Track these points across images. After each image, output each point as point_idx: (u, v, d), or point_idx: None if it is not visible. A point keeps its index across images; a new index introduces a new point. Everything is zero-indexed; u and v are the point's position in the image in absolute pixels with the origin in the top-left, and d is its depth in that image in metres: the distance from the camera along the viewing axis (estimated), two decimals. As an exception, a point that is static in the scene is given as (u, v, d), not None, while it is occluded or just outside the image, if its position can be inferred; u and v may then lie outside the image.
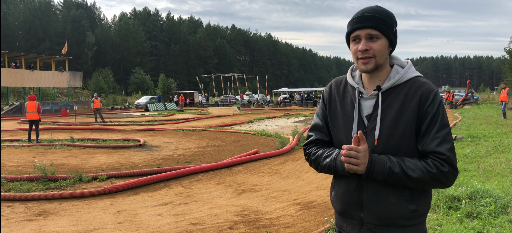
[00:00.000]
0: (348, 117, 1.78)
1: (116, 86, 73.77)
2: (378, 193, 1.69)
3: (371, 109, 1.74)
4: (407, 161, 1.64)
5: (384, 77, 1.76)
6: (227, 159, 9.96)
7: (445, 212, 5.01)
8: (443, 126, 1.66)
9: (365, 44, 1.67)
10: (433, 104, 1.66)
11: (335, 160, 1.76)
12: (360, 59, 1.70)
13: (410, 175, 1.62)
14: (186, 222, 5.24)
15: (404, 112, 1.67)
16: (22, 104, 33.54)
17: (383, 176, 1.64)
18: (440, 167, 1.63)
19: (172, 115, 31.41)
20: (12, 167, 9.30)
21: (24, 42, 77.92)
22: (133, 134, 16.38)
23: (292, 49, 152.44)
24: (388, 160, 1.64)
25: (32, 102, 14.05)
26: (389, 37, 1.71)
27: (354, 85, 1.81)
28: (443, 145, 1.64)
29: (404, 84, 1.72)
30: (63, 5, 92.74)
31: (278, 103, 48.04)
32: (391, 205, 1.68)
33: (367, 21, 1.68)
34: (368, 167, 1.63)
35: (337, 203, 1.83)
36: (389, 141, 1.67)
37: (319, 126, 1.92)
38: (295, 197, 6.44)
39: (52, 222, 5.34)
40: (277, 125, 21.11)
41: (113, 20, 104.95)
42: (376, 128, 1.69)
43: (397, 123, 1.67)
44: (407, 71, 1.74)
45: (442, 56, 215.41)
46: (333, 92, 1.89)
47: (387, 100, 1.71)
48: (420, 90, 1.68)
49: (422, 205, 1.71)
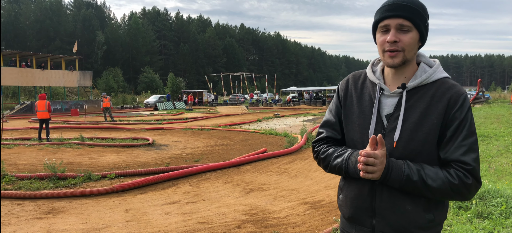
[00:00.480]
0: (365, 114, 1.64)
1: (125, 85, 74.24)
2: (394, 199, 1.56)
3: (392, 109, 1.60)
4: (427, 169, 1.51)
5: (409, 75, 1.62)
6: (235, 158, 9.97)
7: (455, 212, 4.95)
8: (470, 134, 1.53)
9: (394, 35, 1.53)
10: (462, 109, 1.53)
11: (347, 161, 1.62)
12: (387, 51, 1.56)
13: (430, 185, 1.49)
14: (194, 221, 5.24)
15: (429, 115, 1.54)
16: (33, 103, 33.88)
17: (400, 184, 1.51)
18: (464, 178, 1.49)
19: (181, 114, 31.52)
20: (22, 165, 9.39)
21: (35, 42, 78.72)
22: (142, 133, 16.46)
23: (301, 48, 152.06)
24: (407, 166, 1.50)
25: (43, 101, 14.18)
26: (420, 31, 1.56)
27: (374, 80, 1.67)
28: (469, 154, 1.51)
29: (432, 85, 1.58)
30: (73, 5, 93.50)
31: (286, 102, 47.96)
32: (407, 213, 1.55)
33: (399, 10, 1.53)
34: (384, 172, 1.50)
35: (346, 207, 1.71)
36: (410, 144, 1.54)
37: (331, 123, 1.78)
38: (303, 196, 6.41)
39: (61, 220, 5.38)
40: (285, 124, 21.08)
41: (123, 20, 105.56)
42: (397, 129, 1.55)
43: (420, 125, 1.53)
44: (435, 70, 1.60)
45: (453, 55, 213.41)
46: (350, 87, 1.75)
47: (411, 100, 1.57)
48: (449, 93, 1.55)
49: (439, 214, 1.60)
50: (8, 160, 9.99)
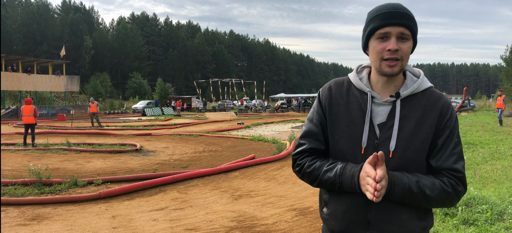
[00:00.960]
0: (355, 124, 1.59)
1: (113, 90, 73.69)
2: (390, 210, 1.54)
3: (385, 118, 1.57)
4: (424, 179, 1.52)
5: (398, 84, 1.60)
6: (224, 164, 9.94)
7: (441, 218, 5.00)
8: (458, 142, 1.58)
9: (396, 44, 1.50)
10: (451, 118, 1.57)
11: (341, 175, 1.55)
12: (386, 60, 1.52)
13: (429, 195, 1.51)
14: (181, 228, 5.21)
15: (423, 124, 1.55)
16: (18, 108, 33.40)
17: (402, 197, 1.50)
18: (456, 186, 1.54)
19: (169, 120, 31.35)
20: (6, 171, 9.24)
21: (22, 46, 77.76)
22: (129, 139, 16.32)
23: (290, 55, 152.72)
24: (407, 179, 1.50)
25: (28, 106, 13.99)
26: (415, 40, 1.57)
27: (363, 89, 1.63)
28: (460, 162, 1.56)
29: (422, 94, 1.59)
30: (61, 9, 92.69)
31: (275, 109, 48.07)
32: (403, 223, 1.55)
33: (402, 18, 1.51)
34: (388, 188, 1.47)
35: (336, 221, 1.63)
36: (406, 154, 1.53)
37: (313, 133, 1.69)
38: (292, 203, 6.42)
39: (46, 227, 5.30)
40: (274, 130, 21.10)
41: (111, 25, 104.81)
42: (392, 138, 1.53)
43: (415, 134, 1.54)
44: (423, 80, 1.61)
45: (439, 63, 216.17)
46: (334, 95, 1.67)
47: (404, 109, 1.56)
48: (439, 103, 1.58)
49: (430, 221, 1.63)
50: (-8, 165, 9.82)
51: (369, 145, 1.56)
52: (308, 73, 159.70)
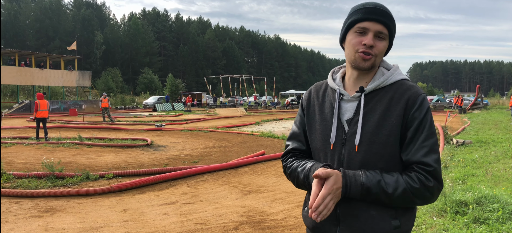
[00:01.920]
0: (326, 121, 1.63)
1: (124, 86, 74.22)
2: (358, 206, 1.53)
3: (353, 113, 1.59)
4: (387, 178, 1.49)
5: (369, 79, 1.62)
6: (234, 159, 9.98)
7: (451, 216, 4.97)
8: (430, 135, 1.51)
9: (372, 40, 1.53)
10: (421, 109, 1.52)
11: (307, 177, 1.59)
12: (361, 53, 1.55)
13: (391, 193, 1.47)
14: (191, 222, 5.25)
15: (388, 117, 1.52)
16: (31, 102, 33.85)
17: (360, 197, 1.50)
18: (425, 181, 1.48)
19: (180, 115, 31.52)
20: (20, 164, 9.39)
21: (35, 41, 78.70)
22: (140, 134, 16.46)
23: (300, 51, 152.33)
24: (366, 178, 1.48)
25: (44, 100, 14.22)
26: (391, 41, 1.60)
27: (334, 87, 1.67)
28: (430, 156, 1.49)
29: (390, 87, 1.58)
30: (73, 4, 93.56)
31: (285, 105, 48.00)
32: (372, 219, 1.52)
33: (382, 15, 1.54)
34: (343, 192, 1.48)
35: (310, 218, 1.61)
36: (371, 147, 1.52)
37: (296, 134, 1.77)
38: (301, 199, 6.42)
39: (59, 219, 5.38)
40: (284, 127, 21.10)
41: (123, 20, 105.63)
42: (357, 132, 1.54)
43: (380, 127, 1.52)
44: (393, 73, 1.61)
45: (452, 60, 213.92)
46: (312, 96, 1.75)
47: (370, 104, 1.57)
48: (407, 94, 1.54)
49: (406, 222, 1.55)
50: (6, 158, 9.99)
51: (337, 140, 1.59)
52: (318, 69, 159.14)
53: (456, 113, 32.89)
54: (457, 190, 5.86)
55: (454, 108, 36.89)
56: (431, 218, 5.00)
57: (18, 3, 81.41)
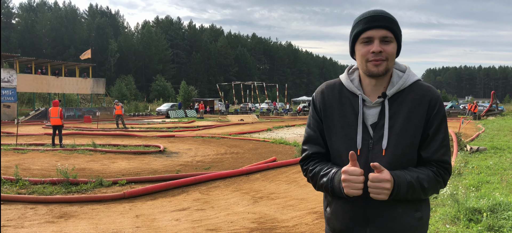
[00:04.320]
0: (350, 126, 1.66)
1: (138, 93, 74.95)
2: (386, 205, 1.59)
3: (376, 118, 1.64)
4: (421, 174, 1.59)
5: (386, 84, 1.66)
6: (245, 166, 10.00)
7: (465, 224, 4.91)
8: (447, 135, 1.66)
9: (379, 46, 1.58)
10: (440, 110, 1.64)
11: (332, 180, 1.62)
12: (371, 61, 1.60)
13: (427, 188, 1.59)
14: (203, 228, 5.28)
15: (412, 119, 1.61)
16: (47, 109, 34.41)
17: (405, 195, 1.56)
18: (445, 176, 1.64)
19: (192, 122, 31.69)
20: (36, 170, 9.55)
21: (50, 49, 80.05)
22: (153, 140, 16.60)
23: (312, 58, 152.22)
24: (409, 176, 1.56)
25: (55, 108, 14.43)
26: (399, 42, 1.64)
27: (355, 91, 1.69)
28: (448, 154, 1.65)
29: (409, 89, 1.65)
30: (88, 13, 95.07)
31: (297, 112, 47.92)
32: (399, 216, 1.61)
33: (383, 21, 1.59)
34: (394, 190, 1.53)
35: (337, 220, 1.70)
36: (397, 149, 1.59)
37: (313, 138, 1.77)
38: (312, 206, 6.41)
39: (73, 225, 5.46)
40: (295, 134, 21.05)
41: (136, 28, 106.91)
42: (384, 136, 1.60)
43: (406, 129, 1.60)
44: (409, 75, 1.67)
45: (466, 66, 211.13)
46: (326, 97, 1.74)
47: (393, 107, 1.63)
48: (428, 96, 1.63)
49: (425, 211, 1.68)
50: (22, 165, 10.17)
51: (363, 145, 1.64)
52: (331, 76, 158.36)
53: (470, 119, 32.44)
54: (471, 197, 5.79)
55: (468, 115, 36.41)
56: (444, 226, 4.95)
57: (35, 12, 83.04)
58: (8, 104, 34.36)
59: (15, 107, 34.96)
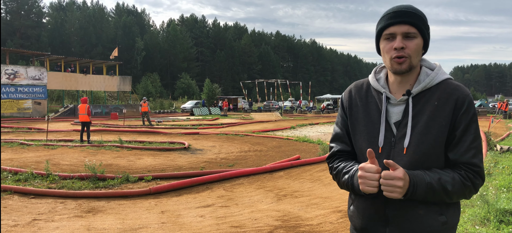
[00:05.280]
0: (373, 123, 1.64)
1: (163, 90, 75.95)
2: (406, 205, 1.55)
3: (400, 116, 1.60)
4: (444, 175, 1.52)
5: (413, 81, 1.63)
6: (269, 164, 10.00)
7: (495, 225, 4.77)
8: (477, 136, 1.56)
9: (401, 42, 1.55)
10: (469, 110, 1.55)
11: (352, 177, 1.62)
12: (394, 58, 1.57)
13: (450, 190, 1.51)
14: (227, 225, 5.31)
15: (436, 118, 1.55)
16: (75, 106, 35.30)
17: (424, 196, 1.51)
18: (474, 180, 1.54)
19: (216, 120, 31.90)
20: (65, 166, 9.82)
21: (79, 48, 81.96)
22: (178, 137, 16.79)
23: (337, 55, 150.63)
24: (429, 177, 1.50)
25: (83, 105, 14.81)
26: (424, 37, 1.59)
27: (380, 89, 1.67)
28: (478, 156, 1.55)
29: (436, 87, 1.59)
30: (115, 12, 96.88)
31: (321, 110, 47.57)
32: (420, 218, 1.55)
33: (405, 16, 1.55)
34: (410, 190, 1.48)
35: (358, 218, 1.69)
36: (419, 148, 1.54)
37: (339, 136, 1.78)
38: (337, 205, 6.36)
39: (100, 219, 5.59)
40: (319, 132, 20.92)
41: (161, 27, 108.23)
42: (406, 135, 1.56)
43: (429, 129, 1.54)
44: (437, 73, 1.62)
45: (495, 64, 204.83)
46: (353, 97, 1.75)
47: (418, 106, 1.58)
48: (455, 94, 1.56)
49: (451, 216, 1.60)
50: (52, 160, 10.47)
51: (386, 143, 1.61)
52: (355, 73, 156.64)
53: (501, 118, 31.46)
54: (502, 198, 5.62)
55: (498, 114, 35.33)
56: (473, 227, 4.83)
57: (65, 12, 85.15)
58: (39, 101, 35.43)
59: (45, 104, 36.01)
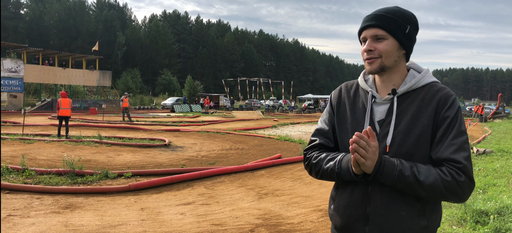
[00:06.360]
0: (358, 121, 1.67)
1: (143, 86, 75.08)
2: (388, 205, 1.55)
3: (384, 115, 1.64)
4: (420, 166, 1.51)
5: (398, 82, 1.66)
6: (250, 162, 9.99)
7: (472, 226, 4.88)
8: (460, 133, 1.53)
9: (369, 45, 1.61)
10: (452, 109, 1.55)
11: (340, 162, 1.62)
12: (366, 60, 1.64)
13: (423, 181, 1.47)
14: (207, 223, 5.29)
15: (419, 118, 1.56)
16: (53, 100, 34.58)
17: (392, 179, 1.50)
18: (456, 176, 1.48)
19: (197, 117, 31.73)
20: (42, 161, 9.60)
21: (58, 41, 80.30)
22: (158, 134, 16.63)
23: (319, 56, 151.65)
24: (399, 162, 1.50)
25: (67, 99, 14.49)
26: (398, 38, 1.60)
27: (366, 89, 1.71)
28: (460, 153, 1.50)
29: (421, 89, 1.62)
30: (96, 5, 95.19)
31: (302, 109, 47.86)
32: (401, 220, 1.54)
33: (373, 20, 1.61)
34: (376, 166, 1.49)
35: (338, 216, 1.69)
36: (402, 147, 1.55)
37: (324, 131, 1.79)
38: (318, 203, 6.40)
39: (78, 216, 5.49)
40: (301, 131, 21.03)
41: (144, 22, 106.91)
42: (389, 134, 1.58)
43: (411, 128, 1.56)
44: (424, 75, 1.65)
45: (473, 68, 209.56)
46: (342, 95, 1.79)
47: (402, 105, 1.61)
48: (438, 95, 1.58)
49: (433, 221, 1.59)
50: (28, 154, 10.23)
51: None
52: (337, 74, 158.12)
53: (477, 121, 32.25)
54: (478, 199, 5.75)
55: (474, 117, 36.20)
56: (450, 227, 4.92)
57: (43, 3, 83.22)
58: (15, 94, 34.57)
59: (22, 97, 35.15)
